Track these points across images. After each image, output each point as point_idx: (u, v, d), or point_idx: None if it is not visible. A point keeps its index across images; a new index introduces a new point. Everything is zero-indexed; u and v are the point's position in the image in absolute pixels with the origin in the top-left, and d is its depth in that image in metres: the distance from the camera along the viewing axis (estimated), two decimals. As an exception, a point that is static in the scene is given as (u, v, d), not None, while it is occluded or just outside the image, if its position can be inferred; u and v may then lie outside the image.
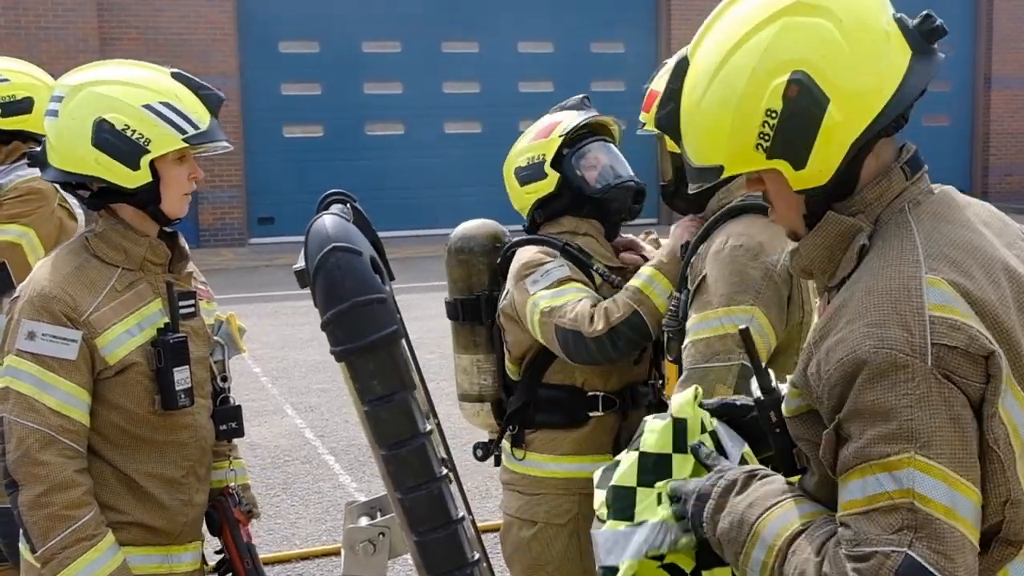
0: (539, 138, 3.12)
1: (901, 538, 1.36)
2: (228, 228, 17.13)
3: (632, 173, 3.13)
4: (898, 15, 1.59)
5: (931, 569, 1.35)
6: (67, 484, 2.36)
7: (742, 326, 1.80)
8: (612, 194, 3.07)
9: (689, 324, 2.50)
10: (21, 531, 2.42)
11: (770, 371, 1.78)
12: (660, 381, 3.12)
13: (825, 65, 1.51)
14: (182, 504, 2.57)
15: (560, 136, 3.07)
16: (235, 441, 2.88)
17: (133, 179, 2.41)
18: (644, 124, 2.85)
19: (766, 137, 1.55)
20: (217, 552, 2.80)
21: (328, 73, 17.58)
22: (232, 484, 2.81)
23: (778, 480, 1.63)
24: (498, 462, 3.27)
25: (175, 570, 2.59)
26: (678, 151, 2.78)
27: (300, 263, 1.96)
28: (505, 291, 3.08)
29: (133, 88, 2.44)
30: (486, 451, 3.30)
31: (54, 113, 2.47)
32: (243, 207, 17.22)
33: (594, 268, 3.04)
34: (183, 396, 2.49)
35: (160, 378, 2.47)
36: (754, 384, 1.75)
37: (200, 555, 2.70)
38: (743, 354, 2.36)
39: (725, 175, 1.62)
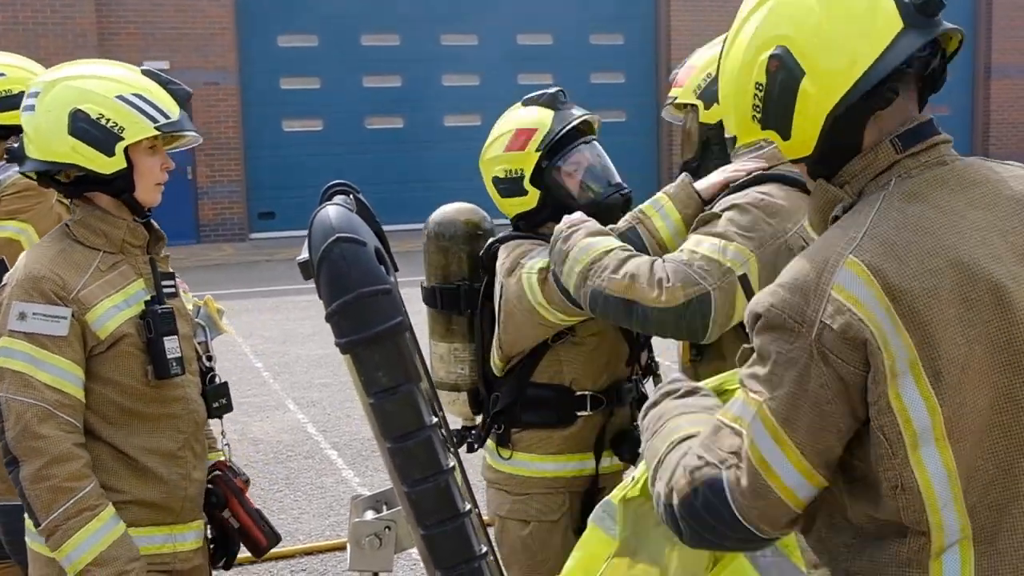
0: (514, 149, 2.99)
1: (728, 459, 1.56)
2: (228, 223, 17.13)
3: (617, 176, 3.01)
4: None
5: (727, 494, 1.54)
6: (67, 456, 2.42)
7: (738, 271, 1.89)
8: (598, 208, 2.91)
9: (690, 234, 2.48)
10: (24, 507, 2.45)
11: None
12: (648, 371, 3.15)
13: (803, 40, 1.60)
14: (180, 478, 2.61)
15: (537, 151, 2.95)
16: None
17: (109, 165, 2.51)
18: (676, 98, 2.84)
19: (758, 108, 1.66)
20: (209, 540, 2.79)
21: (327, 67, 17.56)
22: (225, 457, 2.88)
23: (712, 398, 1.82)
24: (471, 449, 3.21)
25: (179, 548, 2.63)
26: (710, 123, 2.74)
27: (304, 255, 1.94)
28: (498, 287, 2.98)
29: (106, 81, 2.56)
30: (460, 439, 3.23)
31: (31, 108, 2.56)
32: (243, 202, 17.22)
33: None
34: (175, 364, 2.56)
35: (151, 348, 2.54)
36: None
37: (203, 534, 2.73)
38: (722, 281, 2.36)
39: (738, 144, 1.82)
